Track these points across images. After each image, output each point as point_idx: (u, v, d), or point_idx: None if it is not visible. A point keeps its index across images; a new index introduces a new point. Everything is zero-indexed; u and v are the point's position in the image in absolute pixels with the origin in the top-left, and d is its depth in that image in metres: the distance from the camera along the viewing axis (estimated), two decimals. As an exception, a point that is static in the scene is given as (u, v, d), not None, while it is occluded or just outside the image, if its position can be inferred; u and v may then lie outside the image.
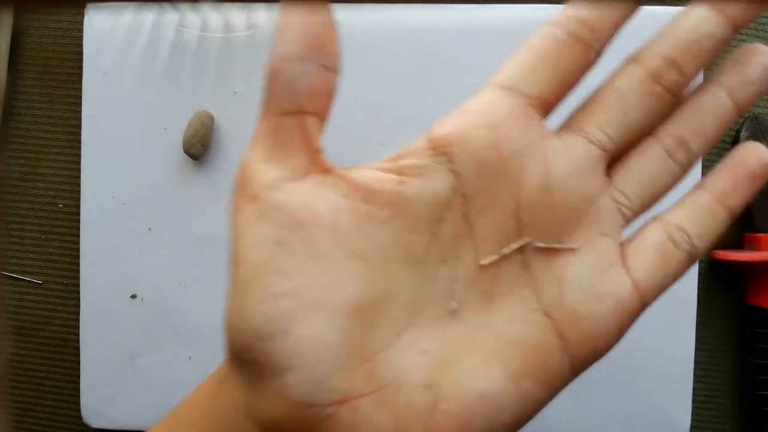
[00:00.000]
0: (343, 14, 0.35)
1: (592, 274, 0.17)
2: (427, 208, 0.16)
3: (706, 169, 0.36)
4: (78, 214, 0.36)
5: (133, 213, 0.36)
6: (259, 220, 0.15)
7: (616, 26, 0.19)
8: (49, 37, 0.38)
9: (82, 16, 0.36)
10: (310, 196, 0.16)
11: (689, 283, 0.34)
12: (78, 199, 0.36)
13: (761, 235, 0.35)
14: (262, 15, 0.35)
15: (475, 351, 0.16)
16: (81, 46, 0.36)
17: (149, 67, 0.35)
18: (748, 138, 0.35)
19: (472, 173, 0.17)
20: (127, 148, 0.36)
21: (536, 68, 0.17)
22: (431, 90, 0.35)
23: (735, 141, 0.36)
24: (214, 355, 0.36)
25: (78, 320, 0.36)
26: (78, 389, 0.36)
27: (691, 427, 0.35)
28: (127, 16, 0.35)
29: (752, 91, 0.18)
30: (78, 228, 0.36)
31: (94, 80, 0.36)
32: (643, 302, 0.18)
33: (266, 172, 0.16)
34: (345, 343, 0.15)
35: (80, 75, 0.36)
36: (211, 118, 0.35)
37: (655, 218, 0.20)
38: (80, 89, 0.36)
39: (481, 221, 0.17)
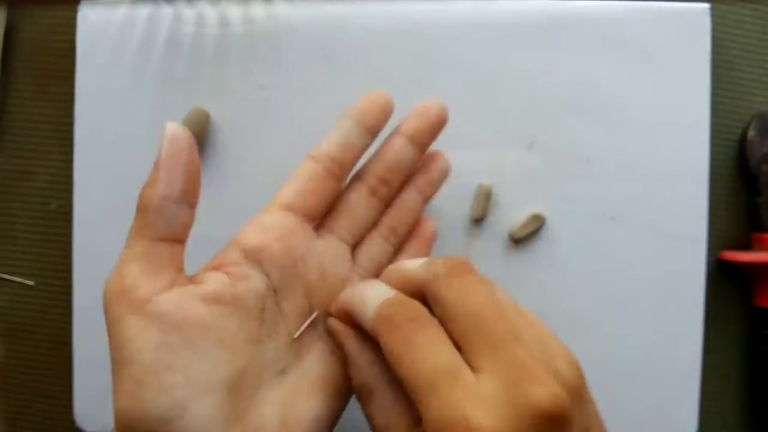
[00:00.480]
0: (344, 10, 0.35)
1: None
2: (254, 302, 0.23)
3: (713, 166, 0.35)
4: (71, 213, 0.36)
5: (127, 213, 0.35)
6: (145, 328, 0.20)
7: (358, 157, 0.26)
8: (43, 33, 0.37)
9: (76, 11, 0.35)
10: (180, 304, 0.21)
11: (696, 284, 0.34)
12: (71, 199, 0.35)
13: (769, 235, 0.34)
14: (259, 10, 0.35)
15: (302, 392, 0.23)
16: (75, 42, 0.35)
17: (144, 64, 0.35)
18: (755, 136, 0.35)
19: (277, 273, 0.24)
20: (121, 146, 0.35)
21: (305, 194, 0.25)
22: (433, 87, 0.34)
23: (742, 139, 0.35)
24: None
25: (71, 322, 0.35)
26: (71, 393, 0.36)
27: (698, 430, 0.34)
28: (121, 11, 0.35)
29: (435, 188, 0.29)
30: (71, 228, 0.36)
31: (88, 77, 0.35)
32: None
33: (144, 286, 0.21)
34: (224, 412, 0.20)
35: (73, 71, 0.35)
36: (207, 116, 0.34)
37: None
38: (73, 86, 0.35)
39: (287, 306, 0.24)
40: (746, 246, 0.36)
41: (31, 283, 0.37)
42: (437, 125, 0.28)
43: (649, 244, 0.34)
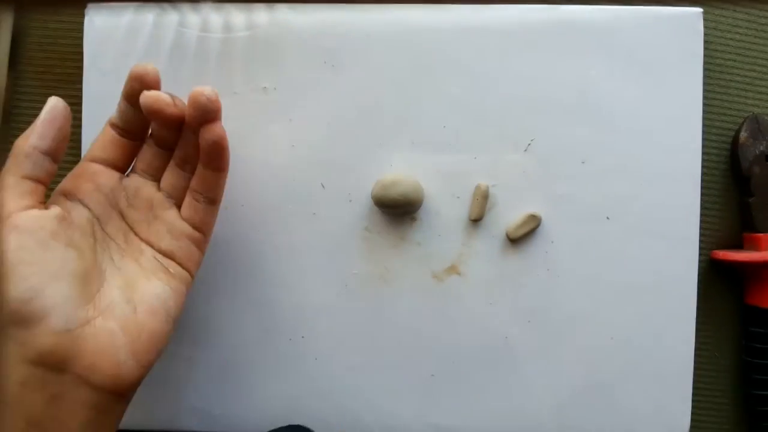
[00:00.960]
0: (345, 15, 0.35)
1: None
2: (85, 225, 0.29)
3: (706, 167, 0.36)
4: (78, 214, 0.36)
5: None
6: (7, 235, 0.26)
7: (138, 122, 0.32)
8: (49, 37, 0.38)
9: (83, 16, 0.36)
10: (35, 218, 0.27)
11: (689, 282, 0.34)
12: (78, 199, 0.36)
13: (761, 235, 0.35)
14: (262, 15, 0.35)
15: (141, 277, 0.30)
16: (81, 46, 0.36)
17: (149, 67, 0.35)
18: (747, 138, 0.35)
19: (92, 205, 0.30)
20: (128, 148, 0.36)
21: (104, 149, 0.31)
22: (431, 90, 0.35)
23: (735, 140, 0.36)
24: (214, 355, 0.36)
25: (78, 320, 0.36)
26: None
27: (691, 427, 0.35)
28: (127, 16, 0.35)
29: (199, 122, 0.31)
30: (78, 228, 0.36)
31: (94, 80, 0.36)
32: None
33: (7, 206, 0.27)
34: (76, 294, 0.27)
35: (80, 75, 0.36)
36: (211, 118, 0.35)
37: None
38: (80, 89, 0.36)
39: (110, 228, 0.31)
40: (738, 245, 0.36)
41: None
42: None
43: (643, 244, 0.35)
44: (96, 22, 0.36)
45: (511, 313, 0.35)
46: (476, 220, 0.35)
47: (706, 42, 0.34)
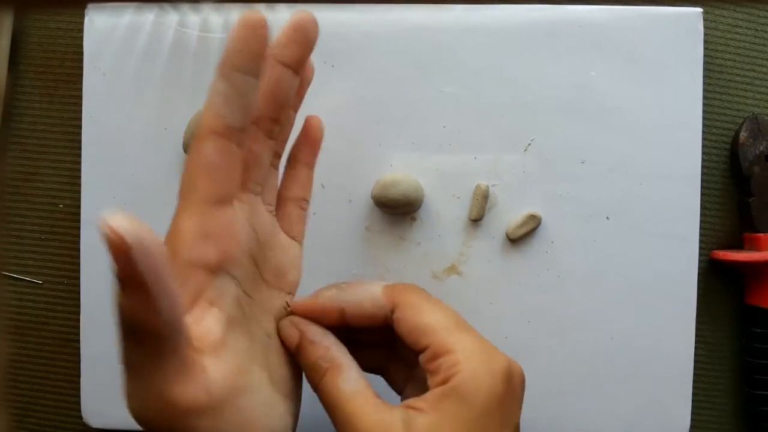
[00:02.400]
0: (344, 16, 0.35)
1: None
2: (238, 304, 0.25)
3: (706, 167, 0.36)
4: (78, 214, 0.36)
5: (133, 213, 0.36)
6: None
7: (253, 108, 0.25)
8: (49, 37, 0.38)
9: (83, 16, 0.36)
10: (207, 335, 0.24)
11: (689, 283, 0.34)
12: (78, 199, 0.36)
13: (761, 235, 0.35)
14: (262, 15, 0.35)
15: (279, 356, 0.27)
16: (81, 46, 0.36)
17: (149, 67, 0.36)
18: (747, 138, 0.35)
19: (238, 269, 0.25)
20: (127, 148, 0.36)
21: (219, 179, 0.25)
22: (431, 90, 0.35)
23: (734, 141, 0.36)
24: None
25: (78, 320, 0.36)
26: (78, 389, 0.36)
27: (691, 426, 0.35)
28: (127, 16, 0.35)
29: (302, 97, 0.30)
30: (78, 228, 0.36)
31: (94, 80, 0.36)
32: None
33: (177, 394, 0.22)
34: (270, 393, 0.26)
35: (80, 75, 0.36)
36: (211, 118, 0.35)
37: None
38: (80, 89, 0.36)
39: (247, 284, 0.26)
40: (738, 246, 0.36)
41: (39, 281, 0.38)
42: (310, 41, 0.26)
43: (643, 244, 0.35)
44: (96, 22, 0.36)
45: (511, 313, 0.35)
46: (476, 220, 0.35)
47: (706, 42, 0.34)
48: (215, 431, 0.22)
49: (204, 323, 0.24)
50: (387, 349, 0.30)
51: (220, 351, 0.23)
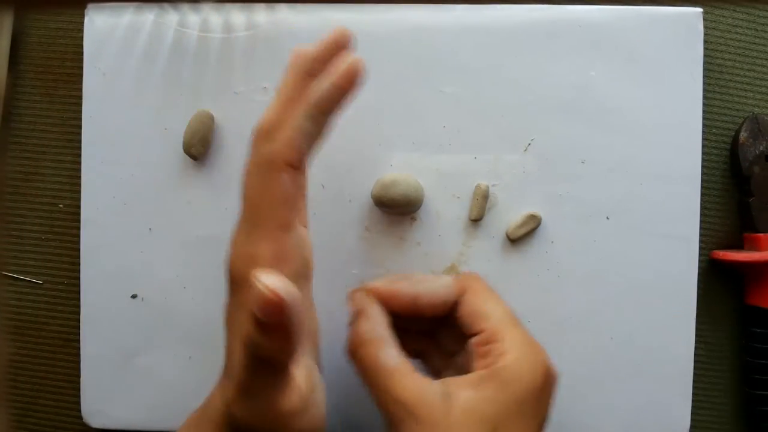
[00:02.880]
0: (345, 15, 0.35)
1: None
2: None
3: (706, 167, 0.36)
4: (78, 214, 0.36)
5: (133, 213, 0.36)
6: None
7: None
8: (49, 37, 0.38)
9: (82, 16, 0.36)
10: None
11: (689, 283, 0.34)
12: (78, 199, 0.36)
13: (761, 235, 0.35)
14: (262, 15, 0.35)
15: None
16: (81, 46, 0.36)
17: (149, 67, 0.36)
18: (747, 138, 0.35)
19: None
20: (127, 148, 0.36)
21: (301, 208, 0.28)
22: (431, 90, 0.35)
23: (734, 141, 0.36)
24: (214, 355, 0.36)
25: (78, 320, 0.36)
26: (78, 389, 0.36)
27: (691, 426, 0.35)
28: (127, 16, 0.35)
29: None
30: (78, 228, 0.36)
31: (94, 80, 0.36)
32: None
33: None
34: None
35: (80, 75, 0.36)
36: (212, 118, 0.35)
37: None
38: (80, 89, 0.36)
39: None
40: (738, 246, 0.36)
41: (39, 281, 0.38)
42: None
43: (643, 244, 0.35)
44: (96, 22, 0.36)
45: (511, 313, 0.35)
46: (476, 220, 0.35)
47: (706, 42, 0.34)
48: (304, 426, 0.26)
49: None
50: (429, 336, 0.32)
51: (299, 358, 0.26)
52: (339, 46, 0.26)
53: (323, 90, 0.25)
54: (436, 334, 0.32)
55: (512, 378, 0.26)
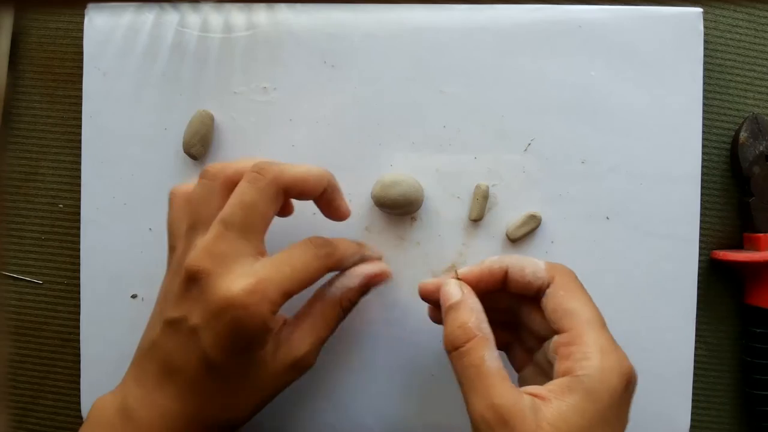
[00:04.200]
0: (345, 16, 0.35)
1: None
2: None
3: (706, 167, 0.36)
4: (78, 214, 0.36)
5: (133, 213, 0.36)
6: None
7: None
8: (49, 37, 0.38)
9: (82, 16, 0.36)
10: None
11: (689, 283, 0.34)
12: (78, 199, 0.36)
13: (761, 235, 0.35)
14: (262, 16, 0.35)
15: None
16: (81, 46, 0.36)
17: (149, 67, 0.36)
18: (747, 138, 0.35)
19: None
20: (127, 148, 0.36)
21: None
22: (431, 90, 0.35)
23: (734, 141, 0.36)
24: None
25: (78, 320, 0.36)
26: (78, 389, 0.36)
27: (691, 426, 0.35)
28: (127, 16, 0.35)
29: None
30: (78, 228, 0.36)
31: (94, 80, 0.36)
32: None
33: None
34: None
35: (80, 75, 0.36)
36: (212, 118, 0.35)
37: None
38: (80, 89, 0.36)
39: None
40: (738, 245, 0.36)
41: (39, 281, 0.38)
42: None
43: (643, 244, 0.35)
44: (96, 22, 0.36)
45: (511, 313, 0.35)
46: (476, 220, 0.35)
47: (706, 42, 0.34)
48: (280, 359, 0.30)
49: None
50: (512, 330, 0.32)
51: None
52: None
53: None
54: (519, 328, 0.32)
55: (597, 387, 0.26)
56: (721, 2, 0.35)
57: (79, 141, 0.36)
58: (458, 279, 0.30)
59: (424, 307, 0.35)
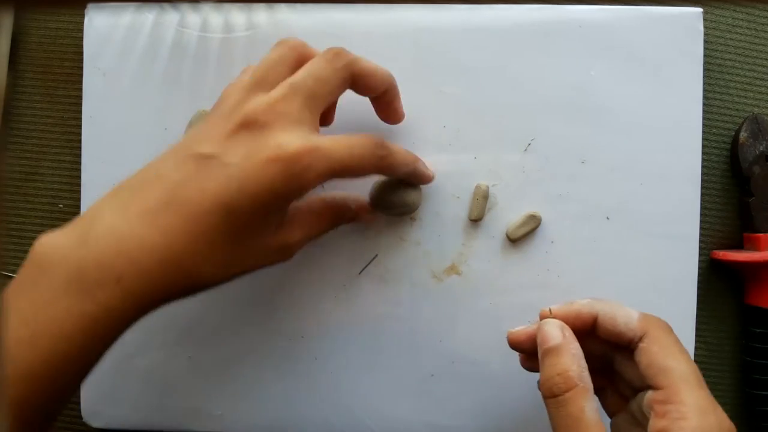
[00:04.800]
0: (345, 15, 0.35)
1: None
2: None
3: (706, 167, 0.36)
4: (78, 214, 0.36)
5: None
6: None
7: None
8: (49, 37, 0.38)
9: (82, 16, 0.36)
10: None
11: (689, 283, 0.34)
12: (78, 199, 0.36)
13: (760, 235, 0.35)
14: (262, 16, 0.35)
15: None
16: (81, 46, 0.36)
17: (149, 67, 0.36)
18: (747, 138, 0.35)
19: None
20: (127, 148, 0.36)
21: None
22: (431, 90, 0.35)
23: (734, 141, 0.36)
24: (214, 355, 0.36)
25: (78, 320, 0.36)
26: (78, 390, 0.36)
27: (691, 426, 0.35)
28: (127, 16, 0.36)
29: None
30: (78, 228, 0.36)
31: (94, 80, 0.36)
32: None
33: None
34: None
35: (80, 75, 0.36)
36: (211, 118, 0.35)
37: None
38: (80, 89, 0.36)
39: None
40: (738, 245, 0.36)
41: (39, 281, 0.38)
42: None
43: (643, 244, 0.35)
44: (96, 22, 0.36)
45: (511, 313, 0.35)
46: (476, 220, 0.35)
47: (706, 42, 0.34)
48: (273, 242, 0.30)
49: None
50: (606, 375, 0.31)
51: None
52: None
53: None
54: (613, 374, 0.31)
55: None
56: (721, 2, 0.35)
57: (79, 141, 0.36)
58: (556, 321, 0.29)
59: (424, 307, 0.35)
